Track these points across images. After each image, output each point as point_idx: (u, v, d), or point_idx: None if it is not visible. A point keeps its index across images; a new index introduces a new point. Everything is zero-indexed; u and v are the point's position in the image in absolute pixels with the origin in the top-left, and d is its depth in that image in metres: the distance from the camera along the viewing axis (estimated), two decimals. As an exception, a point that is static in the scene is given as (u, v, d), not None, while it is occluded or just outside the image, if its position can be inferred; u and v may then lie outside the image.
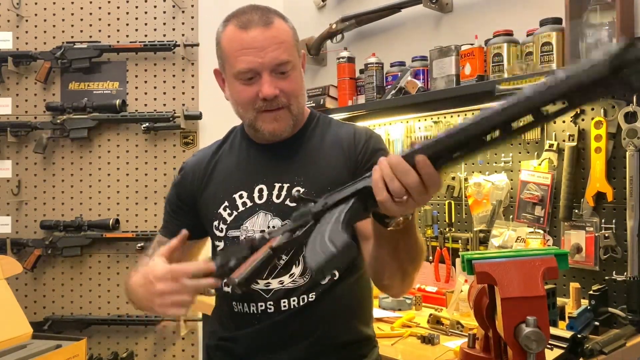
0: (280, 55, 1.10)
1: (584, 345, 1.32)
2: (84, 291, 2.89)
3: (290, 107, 1.14)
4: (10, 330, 1.97)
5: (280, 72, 1.11)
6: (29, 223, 2.89)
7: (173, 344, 2.89)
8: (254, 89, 1.11)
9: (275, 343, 1.15)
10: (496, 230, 1.98)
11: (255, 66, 1.09)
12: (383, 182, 0.79)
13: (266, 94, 1.09)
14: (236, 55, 1.10)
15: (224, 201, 1.20)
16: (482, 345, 1.22)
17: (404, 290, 1.13)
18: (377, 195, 0.79)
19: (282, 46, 1.10)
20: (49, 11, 2.91)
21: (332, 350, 1.16)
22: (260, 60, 1.09)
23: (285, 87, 1.12)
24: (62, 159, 2.90)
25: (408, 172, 0.77)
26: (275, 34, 1.10)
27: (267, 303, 1.14)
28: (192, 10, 2.87)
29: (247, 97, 1.12)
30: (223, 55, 1.15)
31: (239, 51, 1.10)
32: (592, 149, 1.73)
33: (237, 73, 1.11)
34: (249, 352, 1.18)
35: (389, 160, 0.79)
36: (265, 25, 1.10)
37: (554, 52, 1.68)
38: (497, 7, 2.02)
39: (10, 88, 2.90)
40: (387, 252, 0.97)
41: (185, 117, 2.76)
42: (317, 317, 1.15)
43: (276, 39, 1.10)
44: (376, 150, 1.18)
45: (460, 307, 1.84)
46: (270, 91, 1.09)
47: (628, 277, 1.62)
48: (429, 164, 0.76)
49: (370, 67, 2.26)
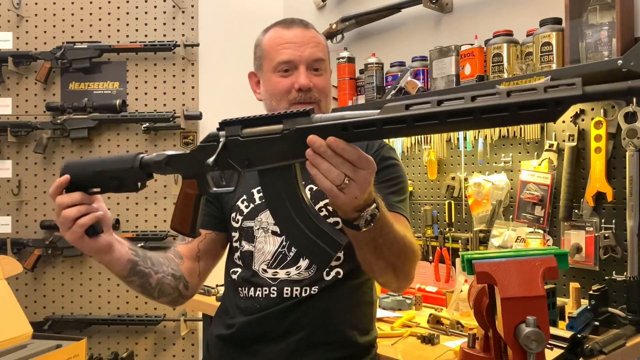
0: (317, 53, 1.23)
1: (584, 345, 1.32)
2: (84, 291, 2.89)
3: (320, 104, 1.24)
4: (10, 330, 1.97)
5: (315, 68, 1.23)
6: (29, 223, 2.90)
7: (173, 344, 2.90)
8: (291, 80, 1.21)
9: (272, 334, 1.18)
10: (496, 230, 1.98)
11: (294, 58, 1.21)
12: (316, 170, 0.83)
13: (302, 84, 1.20)
14: (278, 49, 1.23)
15: (242, 195, 1.27)
16: (482, 345, 1.22)
17: (402, 286, 1.16)
18: (320, 184, 0.83)
19: (319, 46, 1.24)
20: (49, 11, 2.91)
21: (323, 347, 1.18)
22: (300, 54, 1.21)
23: (318, 83, 1.23)
24: (62, 159, 2.90)
25: (333, 154, 0.81)
26: (314, 35, 1.26)
27: (270, 288, 1.20)
28: (192, 10, 2.87)
29: (283, 87, 1.22)
30: (263, 54, 1.27)
31: (280, 45, 1.23)
32: (592, 149, 1.73)
33: (276, 64, 1.23)
34: (244, 341, 1.21)
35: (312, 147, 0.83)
36: (306, 27, 1.26)
37: (554, 52, 1.68)
38: (497, 7, 2.02)
39: (10, 88, 2.90)
40: (369, 253, 1.00)
41: (185, 117, 2.76)
42: (316, 310, 1.18)
43: (314, 39, 1.25)
44: (386, 159, 1.25)
45: (460, 307, 1.84)
46: (307, 81, 1.20)
47: (628, 277, 1.62)
48: (338, 141, 0.81)
49: (370, 67, 2.26)
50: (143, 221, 2.88)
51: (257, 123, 0.88)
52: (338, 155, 0.81)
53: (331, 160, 0.81)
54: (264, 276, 1.21)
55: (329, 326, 1.18)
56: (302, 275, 1.19)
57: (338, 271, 1.20)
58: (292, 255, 1.20)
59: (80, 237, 1.01)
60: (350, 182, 0.82)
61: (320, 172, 0.82)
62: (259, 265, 1.22)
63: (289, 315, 1.17)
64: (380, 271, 1.07)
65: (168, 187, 2.83)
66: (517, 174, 1.95)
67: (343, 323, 1.20)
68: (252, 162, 0.89)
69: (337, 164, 0.81)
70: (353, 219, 0.91)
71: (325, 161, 0.81)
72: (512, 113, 0.67)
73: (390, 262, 1.03)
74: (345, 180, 0.82)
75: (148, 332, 2.88)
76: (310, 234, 0.88)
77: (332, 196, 0.84)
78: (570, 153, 1.78)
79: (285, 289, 1.18)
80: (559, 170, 1.82)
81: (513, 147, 1.98)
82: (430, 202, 2.25)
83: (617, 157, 1.71)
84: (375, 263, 1.03)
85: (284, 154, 0.85)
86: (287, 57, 1.21)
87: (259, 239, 1.22)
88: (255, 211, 1.25)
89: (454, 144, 2.15)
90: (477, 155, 2.08)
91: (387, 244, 0.99)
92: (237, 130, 0.90)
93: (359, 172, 0.82)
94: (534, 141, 1.92)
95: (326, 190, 0.83)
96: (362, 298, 1.25)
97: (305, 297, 1.18)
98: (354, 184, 0.83)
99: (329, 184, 0.82)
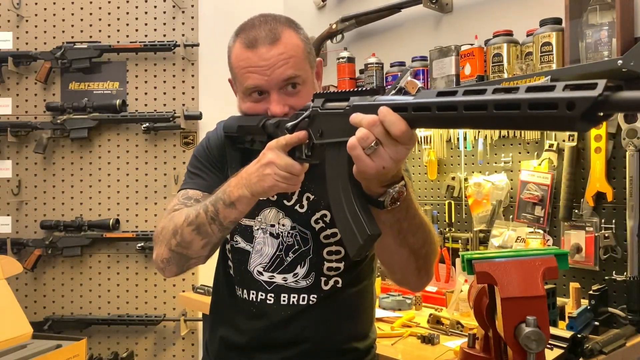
0: (286, 72, 1.08)
1: (584, 345, 1.32)
2: (84, 291, 2.89)
3: None
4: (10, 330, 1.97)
5: (290, 87, 1.10)
6: (29, 223, 2.90)
7: (173, 344, 2.90)
8: (264, 106, 1.11)
9: (272, 343, 1.16)
10: (496, 230, 1.98)
11: (262, 84, 1.09)
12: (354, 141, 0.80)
13: (275, 113, 1.08)
14: (243, 73, 1.10)
15: None
16: (482, 345, 1.22)
17: (422, 282, 1.09)
18: (350, 151, 0.80)
19: (289, 62, 1.09)
20: (49, 11, 2.91)
21: (324, 357, 1.16)
22: (267, 79, 1.08)
23: (294, 103, 1.10)
24: (62, 159, 2.90)
25: (373, 120, 0.78)
26: (283, 50, 1.08)
27: (267, 295, 1.16)
28: (192, 10, 2.87)
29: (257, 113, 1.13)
30: (233, 71, 1.15)
31: (245, 69, 1.09)
32: (592, 149, 1.73)
33: (245, 90, 1.11)
34: (244, 347, 1.19)
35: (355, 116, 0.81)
36: (272, 43, 1.08)
37: (553, 52, 1.68)
38: (497, 7, 2.02)
39: (10, 88, 2.90)
40: (392, 238, 0.95)
41: (185, 117, 2.76)
42: (318, 320, 1.16)
43: (283, 56, 1.08)
44: None
45: (460, 307, 1.84)
46: (279, 110, 1.08)
47: (628, 277, 1.62)
48: (391, 112, 0.77)
49: (370, 67, 2.26)
50: (143, 221, 2.88)
51: (338, 98, 0.92)
52: (385, 128, 0.77)
53: (373, 130, 0.78)
54: (259, 278, 1.18)
55: (331, 337, 1.17)
56: (300, 284, 1.16)
57: (337, 280, 1.17)
58: (289, 261, 1.16)
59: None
60: (379, 147, 0.78)
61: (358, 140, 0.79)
62: (254, 267, 1.19)
63: (292, 325, 1.15)
64: (401, 263, 1.01)
65: (168, 187, 2.83)
66: (517, 174, 1.95)
67: (345, 332, 1.19)
68: (323, 135, 0.93)
69: (377, 133, 0.77)
70: (379, 195, 0.86)
71: (364, 130, 0.78)
72: (523, 112, 0.60)
73: (414, 250, 0.98)
74: (373, 143, 0.78)
75: (148, 332, 2.88)
76: (349, 215, 0.87)
77: (360, 161, 0.79)
78: (570, 153, 1.78)
79: (282, 296, 1.16)
80: (559, 170, 1.82)
81: (513, 147, 1.98)
82: (430, 202, 2.25)
83: (617, 157, 1.71)
84: (397, 252, 0.97)
85: (347, 130, 0.84)
86: (254, 82, 1.09)
87: (258, 240, 1.19)
88: (254, 210, 1.18)
89: (454, 144, 2.15)
90: (477, 155, 2.08)
91: (412, 229, 0.94)
92: (321, 102, 0.94)
93: (396, 144, 0.77)
94: (534, 141, 1.92)
95: (354, 155, 0.80)
96: (363, 304, 1.23)
97: (304, 307, 1.15)
98: (385, 150, 0.78)
99: (358, 149, 0.79)
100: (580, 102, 0.55)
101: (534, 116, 0.59)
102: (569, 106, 0.56)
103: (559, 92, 0.57)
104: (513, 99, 0.61)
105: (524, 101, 0.59)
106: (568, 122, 0.57)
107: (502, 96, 0.62)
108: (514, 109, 0.61)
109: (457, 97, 0.68)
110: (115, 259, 2.88)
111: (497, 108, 0.62)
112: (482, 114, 0.65)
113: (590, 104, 0.55)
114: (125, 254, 2.87)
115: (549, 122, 0.59)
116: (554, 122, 0.59)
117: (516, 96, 0.61)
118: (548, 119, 0.58)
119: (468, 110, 0.67)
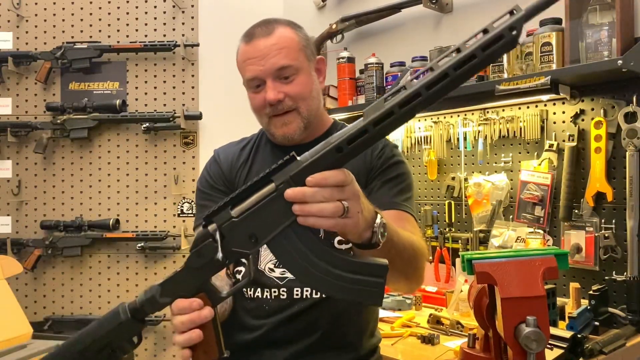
0: (279, 61, 1.16)
1: (584, 345, 1.32)
2: (84, 291, 2.89)
3: (299, 109, 1.20)
4: (10, 330, 1.97)
5: (284, 76, 1.17)
6: (29, 223, 2.89)
7: (173, 344, 2.89)
8: (262, 95, 1.18)
9: (281, 338, 1.17)
10: (496, 230, 1.98)
11: (258, 74, 1.17)
12: (313, 218, 0.75)
13: (269, 99, 1.16)
14: (243, 66, 1.20)
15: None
16: (482, 345, 1.22)
17: (413, 287, 1.15)
18: (324, 226, 0.75)
19: (282, 52, 1.16)
20: (49, 11, 2.91)
21: (334, 351, 1.17)
22: (262, 68, 1.16)
23: (289, 90, 1.18)
24: (62, 159, 2.90)
25: (314, 193, 0.73)
26: (276, 41, 1.17)
27: (280, 290, 1.19)
28: (192, 10, 2.87)
29: (257, 104, 1.21)
30: (238, 68, 1.24)
31: (244, 62, 1.19)
32: (592, 149, 1.73)
33: (245, 82, 1.21)
34: (257, 346, 1.19)
35: (291, 195, 0.75)
36: (266, 35, 1.18)
37: (553, 52, 1.68)
38: (497, 7, 2.02)
39: (10, 88, 2.90)
40: None
41: (185, 117, 2.76)
42: (330, 313, 1.17)
43: (276, 46, 1.17)
44: (390, 157, 1.23)
45: (460, 307, 1.85)
46: (273, 96, 1.16)
47: (628, 277, 1.62)
48: (315, 176, 0.74)
49: (370, 67, 2.26)
50: (143, 221, 2.87)
51: (245, 195, 0.78)
52: (323, 187, 0.74)
53: (318, 198, 0.73)
54: (270, 275, 1.19)
55: (341, 329, 1.18)
56: None
57: None
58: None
59: None
60: (347, 203, 0.75)
61: (316, 216, 0.74)
62: (265, 265, 1.20)
63: (304, 318, 1.16)
64: (393, 281, 1.03)
65: (168, 187, 2.83)
66: (517, 174, 1.95)
67: (355, 326, 1.21)
68: (259, 237, 0.78)
69: (326, 197, 0.74)
70: (369, 239, 0.84)
71: (314, 204, 0.74)
72: (481, 57, 0.69)
73: (403, 271, 1.00)
74: (344, 203, 0.75)
75: (148, 332, 2.88)
76: (351, 275, 0.79)
77: (341, 228, 0.77)
78: (570, 153, 1.78)
79: (295, 290, 1.17)
80: (559, 170, 1.82)
81: (513, 147, 1.98)
82: (430, 202, 2.25)
83: (617, 157, 1.71)
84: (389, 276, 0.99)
85: (288, 211, 0.76)
86: (251, 74, 1.18)
87: None
88: None
89: (454, 144, 2.15)
90: (477, 155, 2.08)
91: (399, 253, 0.94)
92: (227, 214, 0.79)
93: (345, 189, 0.75)
94: (534, 141, 1.92)
95: (333, 228, 0.76)
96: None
97: (317, 300, 1.16)
98: (350, 202, 0.76)
99: (332, 220, 0.75)
100: (517, 22, 0.68)
101: (489, 54, 0.69)
102: (511, 29, 0.68)
103: (496, 29, 0.70)
104: (468, 53, 0.69)
105: (477, 49, 0.69)
106: (513, 42, 0.69)
107: (458, 57, 0.70)
108: (472, 59, 0.69)
109: (413, 88, 0.71)
110: (115, 259, 2.88)
111: (457, 69, 0.69)
112: (444, 83, 0.70)
113: (523, 20, 0.68)
114: (125, 254, 2.87)
115: (501, 52, 0.70)
116: (505, 48, 0.70)
117: (470, 50, 0.69)
118: (501, 49, 0.69)
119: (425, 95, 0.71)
